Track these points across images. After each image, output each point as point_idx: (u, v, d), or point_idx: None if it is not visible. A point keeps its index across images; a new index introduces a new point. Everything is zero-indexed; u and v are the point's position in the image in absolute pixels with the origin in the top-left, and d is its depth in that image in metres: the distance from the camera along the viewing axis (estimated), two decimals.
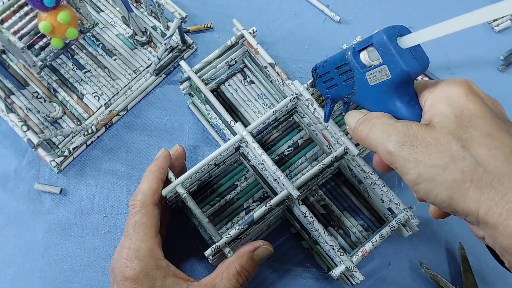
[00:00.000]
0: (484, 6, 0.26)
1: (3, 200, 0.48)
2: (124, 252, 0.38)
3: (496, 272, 0.46)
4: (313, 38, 0.56)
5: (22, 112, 0.51)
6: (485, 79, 0.54)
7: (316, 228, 0.40)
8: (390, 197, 0.41)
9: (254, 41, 0.45)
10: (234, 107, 0.49)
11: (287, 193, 0.40)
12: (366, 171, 0.42)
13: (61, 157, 0.49)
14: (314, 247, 0.46)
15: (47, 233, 0.47)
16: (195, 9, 0.57)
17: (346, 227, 0.46)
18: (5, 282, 0.46)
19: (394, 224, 0.40)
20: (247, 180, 0.47)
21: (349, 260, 0.39)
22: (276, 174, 0.40)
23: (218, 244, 0.38)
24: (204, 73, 0.46)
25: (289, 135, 0.48)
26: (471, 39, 0.56)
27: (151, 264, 0.37)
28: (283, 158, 0.47)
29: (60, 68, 0.52)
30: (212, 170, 0.45)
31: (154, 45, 0.54)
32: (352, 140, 0.42)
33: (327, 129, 0.43)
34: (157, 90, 0.53)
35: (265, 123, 0.43)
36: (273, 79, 0.47)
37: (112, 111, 0.51)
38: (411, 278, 0.46)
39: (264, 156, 0.41)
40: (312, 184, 0.45)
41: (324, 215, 0.46)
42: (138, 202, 0.39)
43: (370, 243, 0.40)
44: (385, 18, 0.57)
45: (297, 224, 0.45)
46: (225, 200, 0.46)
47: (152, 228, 0.39)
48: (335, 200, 0.47)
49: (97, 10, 0.55)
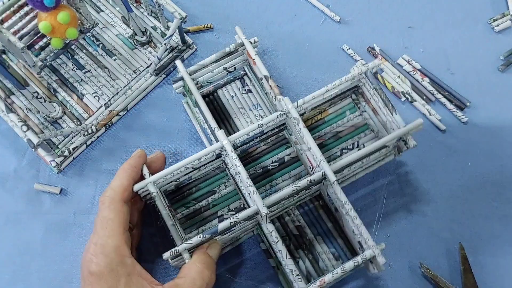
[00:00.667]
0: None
1: (3, 200, 0.48)
2: (91, 248, 0.38)
3: (496, 272, 0.46)
4: (313, 38, 0.56)
5: (22, 112, 0.51)
6: (485, 79, 0.53)
7: (279, 249, 0.39)
8: (360, 231, 0.40)
9: (252, 51, 0.45)
10: (227, 114, 0.49)
11: (256, 209, 0.39)
12: (341, 199, 0.41)
13: (61, 157, 0.49)
14: (279, 267, 0.44)
15: (47, 233, 0.47)
16: (195, 10, 0.57)
17: (317, 252, 0.44)
18: (3, 281, 0.46)
19: (359, 259, 0.39)
20: (227, 188, 0.46)
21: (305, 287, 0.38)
22: (248, 188, 0.40)
23: (177, 249, 0.38)
24: (200, 75, 0.46)
25: (276, 150, 0.47)
26: (470, 39, 0.56)
27: (116, 260, 0.37)
28: (266, 172, 0.46)
29: (60, 68, 0.53)
30: (190, 173, 0.45)
31: (154, 45, 0.54)
32: (331, 166, 0.41)
33: (310, 151, 0.42)
34: (157, 90, 0.53)
35: (249, 134, 0.43)
36: (267, 91, 0.46)
37: (112, 111, 0.51)
38: (411, 278, 0.46)
39: (240, 168, 0.40)
40: (288, 204, 0.44)
41: (296, 237, 0.45)
42: (107, 198, 0.39)
43: (330, 274, 0.38)
44: (385, 18, 0.57)
45: (267, 241, 0.44)
46: (200, 204, 0.46)
47: (120, 224, 0.39)
48: (311, 223, 0.46)
49: (97, 10, 0.55)
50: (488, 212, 0.48)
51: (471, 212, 0.48)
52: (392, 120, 0.44)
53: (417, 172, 0.50)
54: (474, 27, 0.56)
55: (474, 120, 0.52)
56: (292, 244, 0.45)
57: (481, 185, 0.49)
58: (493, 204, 0.49)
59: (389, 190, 0.49)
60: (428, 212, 0.48)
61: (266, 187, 0.46)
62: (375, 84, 0.45)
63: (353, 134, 0.48)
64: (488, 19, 0.56)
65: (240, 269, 0.46)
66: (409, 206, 0.48)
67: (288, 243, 0.45)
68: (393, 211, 0.48)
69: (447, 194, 0.49)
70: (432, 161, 0.50)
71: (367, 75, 0.45)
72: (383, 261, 0.39)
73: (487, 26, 0.56)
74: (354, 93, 0.49)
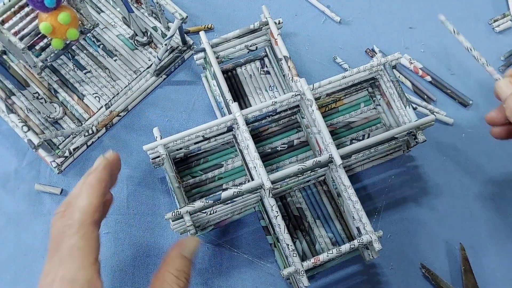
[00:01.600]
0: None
1: (4, 200, 0.48)
2: (56, 283, 0.31)
3: (496, 273, 0.46)
4: (314, 38, 0.56)
5: (22, 113, 0.51)
6: (485, 79, 0.53)
7: (279, 223, 0.40)
8: (360, 216, 0.40)
9: (276, 31, 0.46)
10: (243, 92, 0.50)
11: (260, 182, 0.40)
12: (345, 184, 0.41)
13: (61, 157, 0.49)
14: (276, 244, 0.45)
15: (48, 234, 0.47)
16: (195, 10, 0.57)
17: (314, 235, 0.45)
18: (5, 282, 0.46)
19: (355, 243, 0.39)
20: (234, 163, 0.47)
21: (299, 263, 0.38)
22: (255, 161, 0.41)
23: (179, 210, 0.38)
24: (221, 50, 0.47)
25: (287, 132, 0.48)
26: (471, 40, 0.55)
27: None
28: (274, 153, 0.47)
29: (61, 69, 0.53)
30: (200, 142, 0.45)
31: (154, 46, 0.54)
32: (339, 150, 0.41)
33: (320, 134, 0.43)
34: (157, 90, 0.53)
35: (262, 111, 0.43)
36: (285, 73, 0.47)
37: (113, 111, 0.51)
38: (411, 279, 0.46)
39: (249, 141, 0.41)
40: (292, 184, 0.45)
41: (296, 218, 0.46)
42: (76, 222, 0.33)
43: (325, 254, 0.39)
44: (385, 19, 0.57)
45: (267, 217, 0.45)
46: (206, 176, 0.47)
47: (92, 253, 0.33)
48: (312, 206, 0.46)
49: (97, 10, 0.55)
50: (488, 212, 0.48)
51: (471, 212, 0.48)
52: (404, 113, 0.45)
53: (418, 171, 0.50)
54: (474, 28, 0.56)
55: (474, 120, 0.52)
56: (291, 224, 0.46)
57: (482, 185, 0.49)
58: (494, 204, 0.49)
59: (390, 189, 0.49)
60: (428, 212, 0.48)
61: (272, 166, 0.47)
62: (393, 77, 0.45)
63: (365, 126, 0.49)
64: (488, 20, 0.56)
65: (237, 242, 0.47)
66: (409, 206, 0.48)
67: (287, 223, 0.46)
68: (393, 211, 0.48)
69: (447, 194, 0.49)
70: (433, 162, 0.50)
71: (385, 67, 0.45)
72: (379, 247, 0.39)
73: (487, 26, 0.56)
74: (370, 85, 0.49)
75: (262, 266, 0.46)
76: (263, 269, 0.46)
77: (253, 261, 0.46)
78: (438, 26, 0.56)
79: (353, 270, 0.46)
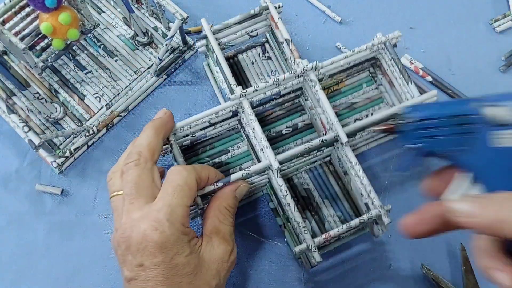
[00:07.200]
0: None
1: (5, 200, 0.49)
2: (152, 215, 0.34)
3: None
4: (314, 39, 0.56)
5: (23, 113, 0.51)
6: (486, 80, 0.53)
7: (288, 203, 0.41)
8: (368, 191, 0.41)
9: (276, 15, 0.46)
10: (246, 78, 0.51)
11: (267, 164, 0.41)
12: (351, 161, 0.42)
13: (62, 158, 0.49)
14: (286, 225, 0.46)
15: (49, 234, 0.47)
16: (196, 10, 0.57)
17: (323, 214, 0.46)
18: (7, 282, 0.46)
19: (365, 217, 0.40)
20: (240, 148, 0.48)
21: (310, 239, 0.39)
22: (262, 143, 0.41)
23: None
24: (222, 36, 0.47)
25: (291, 116, 0.49)
26: (472, 40, 0.56)
27: (181, 229, 0.35)
28: (279, 136, 0.48)
29: (62, 69, 0.53)
30: (206, 128, 0.46)
31: (155, 46, 0.54)
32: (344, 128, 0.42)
33: (324, 114, 0.44)
34: (158, 91, 0.53)
35: (266, 94, 0.44)
36: (287, 57, 0.47)
37: (113, 112, 0.51)
38: (412, 279, 0.46)
39: (255, 124, 0.42)
40: (299, 165, 0.46)
41: (304, 198, 0.47)
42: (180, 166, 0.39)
43: (336, 229, 0.40)
44: (386, 19, 0.57)
45: (275, 199, 0.45)
46: (214, 162, 0.47)
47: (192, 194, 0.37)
48: (319, 187, 0.47)
49: (98, 11, 0.55)
50: None
51: None
52: (407, 90, 0.45)
53: None
54: (475, 28, 0.56)
55: None
56: (299, 205, 0.46)
57: None
58: None
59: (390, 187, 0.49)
60: None
61: (278, 150, 0.48)
62: (394, 54, 0.46)
63: (368, 106, 0.50)
64: (489, 20, 0.56)
65: (247, 224, 0.47)
66: (409, 207, 0.48)
67: (296, 204, 0.46)
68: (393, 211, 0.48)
69: None
70: None
71: (386, 46, 0.46)
72: (388, 220, 0.40)
73: (488, 26, 0.56)
74: (372, 66, 0.50)
75: (273, 246, 0.46)
76: (273, 250, 0.46)
77: (265, 241, 0.47)
78: (438, 27, 0.56)
79: (353, 270, 0.46)
